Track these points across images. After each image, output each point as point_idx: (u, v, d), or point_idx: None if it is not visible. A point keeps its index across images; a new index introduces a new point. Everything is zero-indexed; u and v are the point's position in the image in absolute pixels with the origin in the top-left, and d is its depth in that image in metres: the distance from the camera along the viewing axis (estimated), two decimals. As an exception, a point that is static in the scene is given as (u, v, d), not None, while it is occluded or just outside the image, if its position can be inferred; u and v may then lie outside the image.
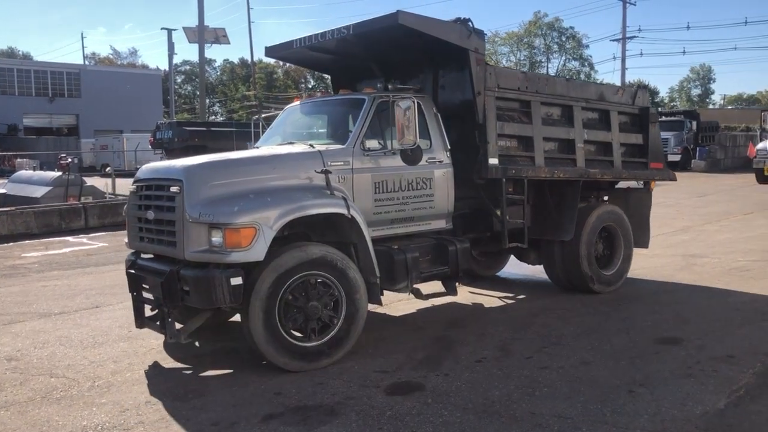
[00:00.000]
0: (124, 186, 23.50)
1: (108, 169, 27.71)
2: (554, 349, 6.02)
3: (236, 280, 5.23)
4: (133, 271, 6.10)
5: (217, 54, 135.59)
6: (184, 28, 33.35)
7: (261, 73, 76.11)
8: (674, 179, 9.59)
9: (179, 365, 5.94)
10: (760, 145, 24.90)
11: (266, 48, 8.15)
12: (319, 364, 5.62)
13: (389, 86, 6.70)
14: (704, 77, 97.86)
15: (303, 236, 5.96)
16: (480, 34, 6.93)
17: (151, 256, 6.17)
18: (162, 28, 35.50)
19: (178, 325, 5.85)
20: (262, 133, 8.03)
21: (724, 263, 9.83)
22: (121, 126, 50.08)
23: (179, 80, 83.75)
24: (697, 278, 8.88)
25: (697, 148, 33.35)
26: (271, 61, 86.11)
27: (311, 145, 6.34)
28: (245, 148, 21.40)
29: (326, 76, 10.03)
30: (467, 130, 7.06)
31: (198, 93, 38.98)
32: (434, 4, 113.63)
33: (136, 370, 5.78)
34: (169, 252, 5.67)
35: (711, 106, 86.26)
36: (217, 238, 5.26)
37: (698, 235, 12.17)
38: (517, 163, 7.32)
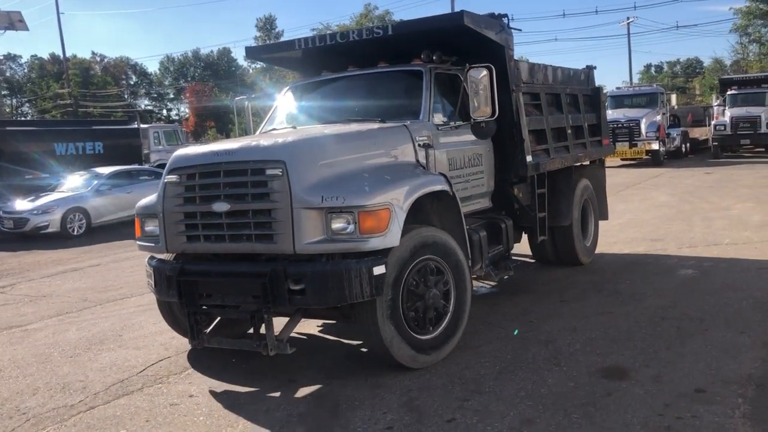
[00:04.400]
0: None
1: None
2: (479, 401, 4.46)
3: (379, 269, 4.62)
4: (187, 279, 5.02)
5: (22, 49, 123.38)
6: (-31, 12, 28.39)
7: (75, 69, 69.10)
8: (614, 152, 10.61)
9: None
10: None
11: (247, 48, 7.98)
12: (431, 359, 5.12)
13: (434, 57, 6.23)
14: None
15: None
16: (509, 30, 6.80)
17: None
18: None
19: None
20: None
21: (616, 257, 8.93)
22: None
23: (-27, 78, 74.22)
24: (597, 278, 7.81)
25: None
26: (87, 56, 79.37)
27: (382, 120, 5.72)
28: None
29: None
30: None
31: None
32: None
33: None
34: (260, 248, 4.83)
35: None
36: (341, 224, 4.59)
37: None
38: (539, 157, 7.30)
